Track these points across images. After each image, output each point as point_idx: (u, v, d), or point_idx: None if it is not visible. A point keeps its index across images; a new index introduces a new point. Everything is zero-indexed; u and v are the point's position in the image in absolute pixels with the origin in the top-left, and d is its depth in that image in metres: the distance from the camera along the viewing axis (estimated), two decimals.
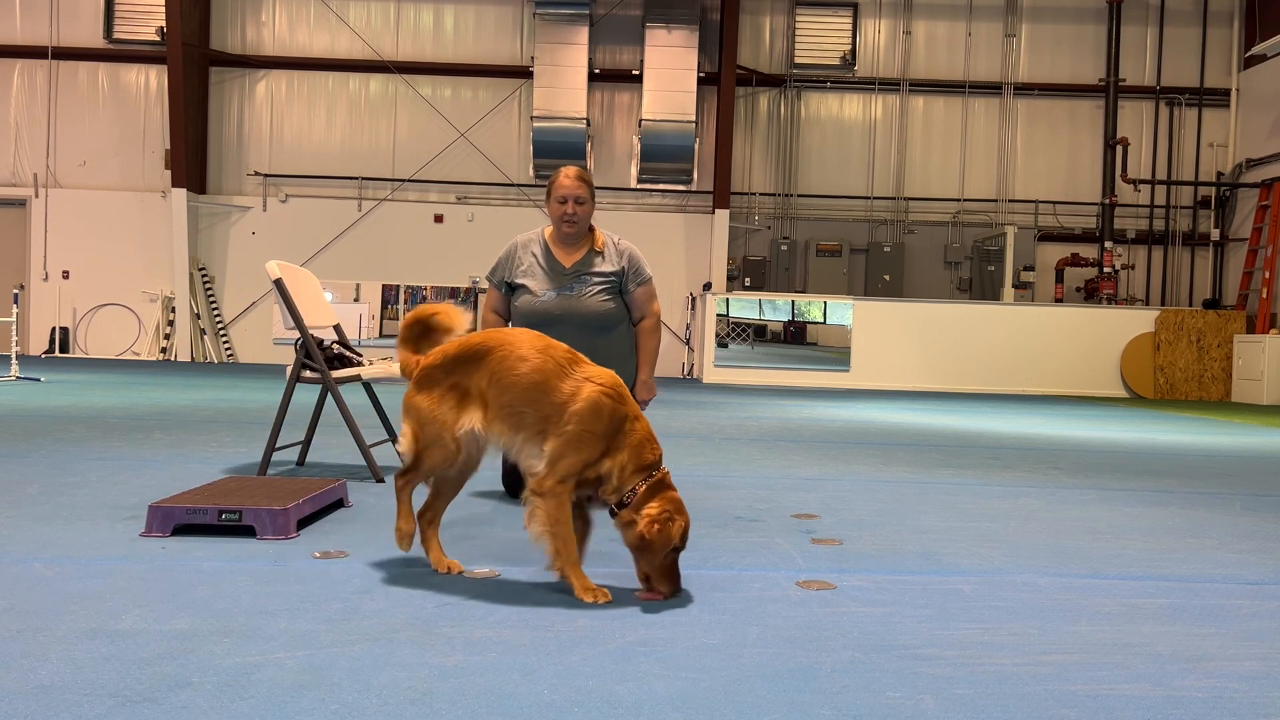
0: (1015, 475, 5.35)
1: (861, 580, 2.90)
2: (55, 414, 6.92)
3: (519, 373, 2.66)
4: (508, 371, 2.67)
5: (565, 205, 4.12)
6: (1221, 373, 14.29)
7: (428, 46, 16.21)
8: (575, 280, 4.17)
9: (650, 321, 4.35)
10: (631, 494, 2.58)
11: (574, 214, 4.12)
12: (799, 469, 5.33)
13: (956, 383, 14.23)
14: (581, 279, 4.17)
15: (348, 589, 2.63)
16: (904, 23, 16.23)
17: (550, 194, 4.17)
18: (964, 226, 16.21)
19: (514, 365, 2.67)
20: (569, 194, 4.12)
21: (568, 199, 4.12)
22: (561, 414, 2.61)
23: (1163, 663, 2.23)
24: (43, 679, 1.91)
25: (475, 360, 2.72)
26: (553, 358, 2.68)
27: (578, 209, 4.13)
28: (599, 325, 4.17)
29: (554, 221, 4.19)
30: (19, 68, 16.04)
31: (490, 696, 1.89)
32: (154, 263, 15.93)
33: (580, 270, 4.19)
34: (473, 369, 2.72)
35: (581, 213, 4.14)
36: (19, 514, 3.47)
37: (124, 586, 2.58)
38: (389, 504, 3.91)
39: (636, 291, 4.26)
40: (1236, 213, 15.99)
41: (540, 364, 2.66)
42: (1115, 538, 3.67)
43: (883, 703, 1.92)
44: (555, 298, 4.15)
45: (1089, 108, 16.21)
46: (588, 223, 4.21)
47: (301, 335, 4.50)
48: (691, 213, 16.12)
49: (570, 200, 4.12)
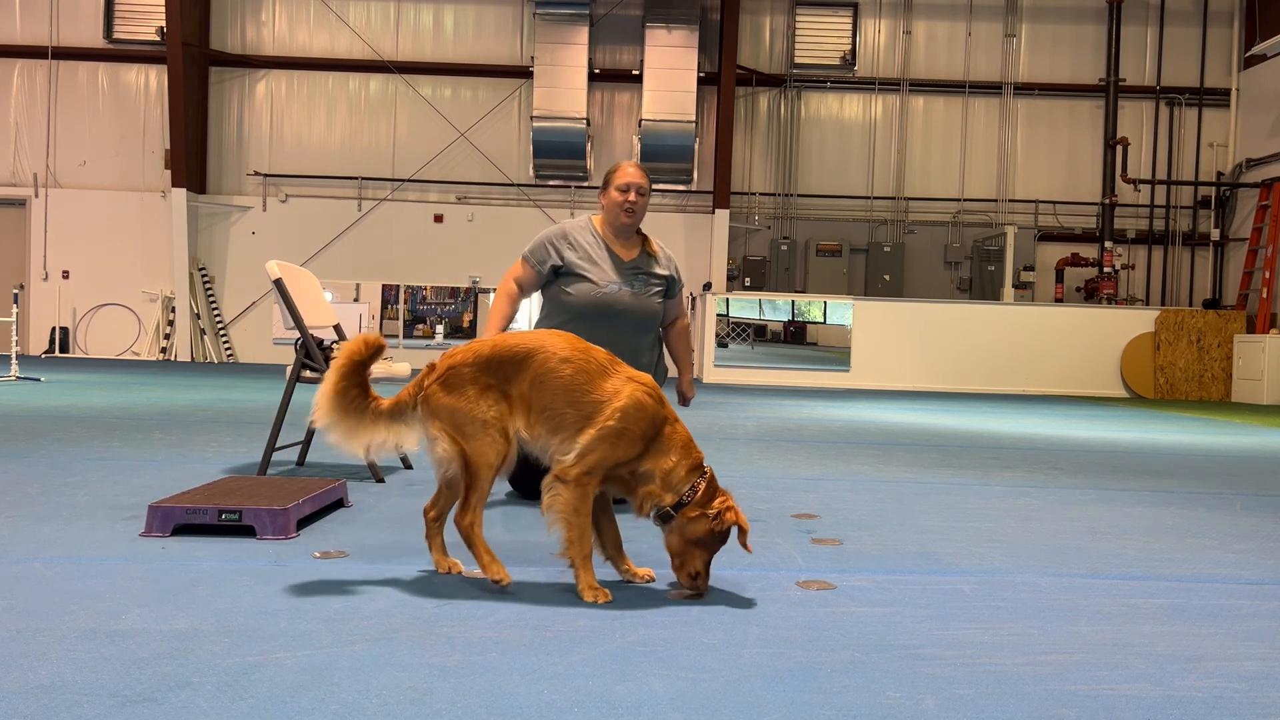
0: (1015, 475, 5.34)
1: (861, 580, 2.90)
2: (55, 414, 6.92)
3: (563, 375, 2.63)
4: (550, 374, 2.63)
5: (628, 194, 4.02)
6: (1221, 373, 14.29)
7: (428, 46, 16.21)
8: (636, 277, 4.10)
9: (685, 322, 4.40)
10: (691, 492, 2.60)
11: (635, 204, 4.02)
12: (799, 469, 5.33)
13: (956, 383, 14.23)
14: (642, 277, 4.11)
15: (348, 589, 2.63)
16: (904, 23, 16.23)
17: (610, 182, 4.06)
18: (964, 226, 16.21)
19: (557, 368, 2.63)
20: (632, 183, 4.02)
21: (630, 187, 4.02)
22: (602, 410, 2.60)
23: (1163, 663, 2.23)
24: (43, 679, 1.91)
25: (515, 363, 2.65)
26: (594, 359, 2.67)
27: (639, 200, 4.03)
28: (647, 326, 4.15)
29: (610, 210, 4.07)
30: (19, 68, 16.04)
31: (490, 696, 1.89)
32: (154, 263, 15.93)
33: (640, 268, 4.13)
34: (512, 372, 2.65)
35: (642, 204, 4.05)
36: (19, 514, 3.47)
37: (124, 586, 2.58)
38: (389, 504, 3.91)
39: (678, 298, 4.30)
40: (1236, 213, 15.99)
41: (583, 365, 2.64)
42: (1115, 538, 3.67)
43: (883, 703, 1.92)
44: (623, 291, 4.06)
45: (1089, 108, 16.21)
46: (643, 215, 4.12)
47: (301, 335, 4.50)
48: (691, 213, 16.12)
49: (633, 189, 4.02)
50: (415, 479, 4.56)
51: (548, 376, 2.63)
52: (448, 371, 2.66)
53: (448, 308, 18.91)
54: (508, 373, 2.65)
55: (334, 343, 4.85)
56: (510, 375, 2.65)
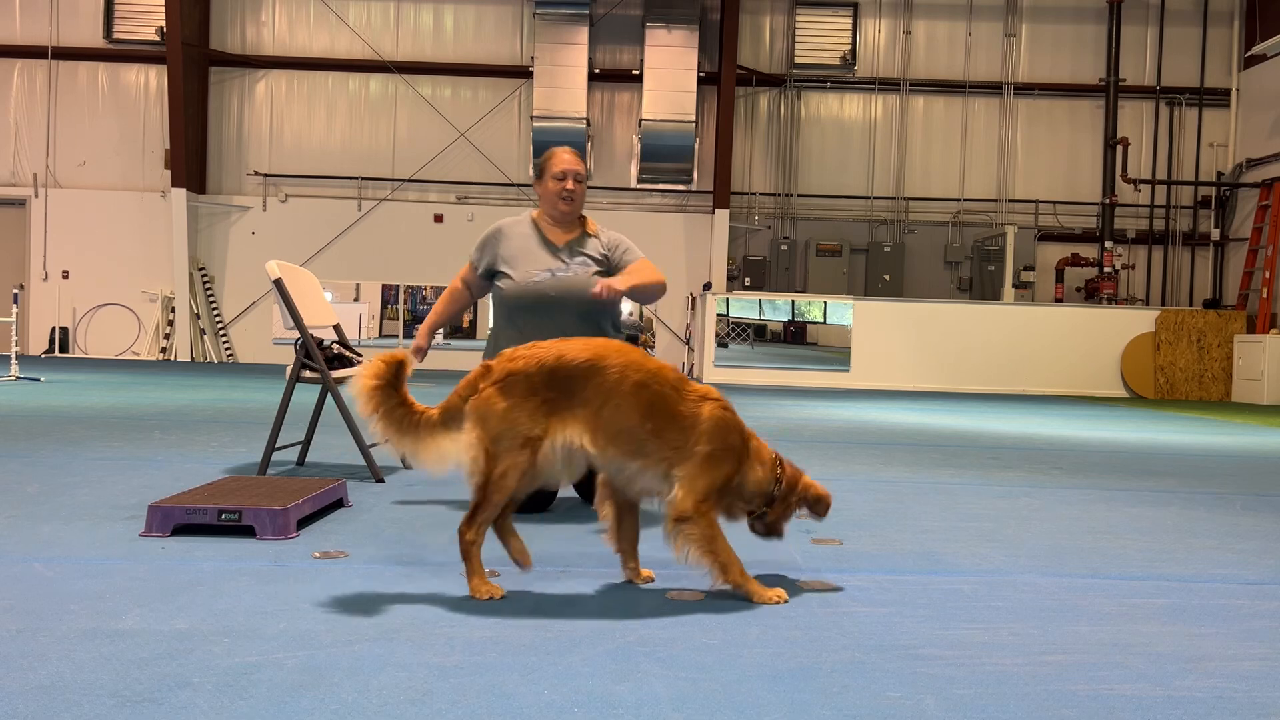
0: (1015, 475, 5.34)
1: (861, 580, 2.90)
2: (55, 414, 6.92)
3: (640, 399, 2.54)
4: (626, 396, 2.54)
5: (564, 181, 3.90)
6: (1222, 373, 14.29)
7: (428, 46, 16.21)
8: (570, 257, 3.94)
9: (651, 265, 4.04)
10: (778, 483, 2.70)
11: (572, 191, 3.91)
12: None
13: (956, 383, 14.23)
14: (576, 257, 3.94)
15: (348, 589, 2.63)
16: (904, 23, 16.23)
17: (545, 171, 3.94)
18: (964, 226, 16.21)
19: (632, 391, 2.54)
20: (568, 169, 3.90)
21: (567, 174, 3.90)
22: (687, 439, 2.56)
23: (1163, 663, 2.23)
24: (43, 679, 1.91)
25: (580, 377, 2.54)
26: (665, 379, 2.60)
27: (576, 187, 3.92)
28: (591, 312, 3.90)
29: (547, 200, 3.96)
30: (19, 68, 16.04)
31: (490, 696, 1.89)
32: (154, 263, 15.93)
33: (574, 248, 3.97)
34: (576, 387, 2.54)
35: (579, 191, 3.93)
36: (19, 514, 3.47)
37: (124, 586, 2.58)
38: (389, 504, 3.91)
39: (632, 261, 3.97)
40: (1236, 212, 15.99)
41: (658, 390, 2.57)
42: (1115, 538, 3.67)
43: (883, 703, 1.92)
44: (549, 278, 3.90)
45: (1089, 108, 16.21)
46: (582, 203, 4.01)
47: (301, 335, 4.50)
48: (691, 213, 16.12)
49: (570, 176, 3.90)
50: (415, 479, 4.56)
51: (623, 399, 2.54)
52: (507, 377, 2.52)
53: None
54: (571, 387, 2.54)
55: (334, 343, 4.85)
56: (573, 390, 2.54)
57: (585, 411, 2.53)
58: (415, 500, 4.02)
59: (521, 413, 2.49)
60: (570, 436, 2.52)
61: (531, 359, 2.54)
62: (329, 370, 4.55)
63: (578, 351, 2.56)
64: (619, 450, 2.55)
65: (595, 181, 16.09)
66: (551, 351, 2.55)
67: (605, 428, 2.53)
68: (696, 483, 2.55)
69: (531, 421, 2.49)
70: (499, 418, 2.49)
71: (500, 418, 2.49)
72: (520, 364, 2.53)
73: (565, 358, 2.54)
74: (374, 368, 2.52)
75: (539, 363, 2.53)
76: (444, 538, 3.31)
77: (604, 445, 2.54)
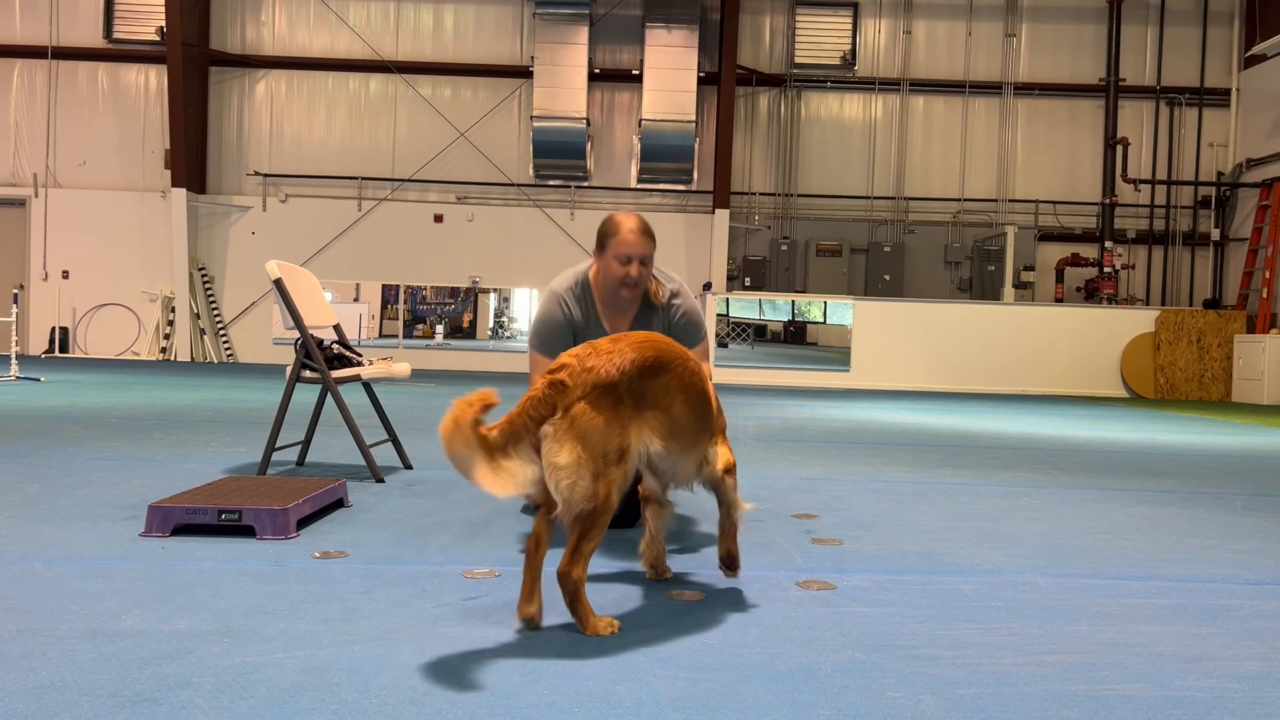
0: (1015, 475, 5.34)
1: (861, 580, 2.90)
2: (55, 414, 6.92)
3: (692, 392, 2.52)
4: (685, 391, 2.49)
5: (629, 266, 3.31)
6: (1222, 373, 14.29)
7: (428, 46, 16.21)
8: None
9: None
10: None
11: (638, 278, 3.33)
12: (799, 469, 5.33)
13: (956, 383, 14.23)
14: None
15: (348, 589, 2.63)
16: (904, 22, 16.23)
17: (606, 246, 3.32)
18: (964, 226, 16.21)
19: (688, 385, 2.50)
20: (634, 253, 3.29)
21: (632, 259, 3.30)
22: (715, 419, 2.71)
23: (1163, 663, 2.23)
24: (43, 679, 1.91)
25: (660, 372, 2.42)
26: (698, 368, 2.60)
27: (642, 272, 3.33)
28: None
29: (608, 280, 3.37)
30: (19, 68, 16.04)
31: (490, 696, 1.89)
32: (154, 263, 15.93)
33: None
34: (649, 387, 2.40)
35: (645, 275, 3.35)
36: (19, 514, 3.47)
37: (124, 586, 2.58)
38: (389, 504, 3.91)
39: (687, 338, 3.48)
40: (1236, 212, 15.99)
41: (700, 379, 2.59)
42: (1115, 538, 3.67)
43: (883, 703, 1.92)
44: None
45: (1089, 108, 16.21)
46: (646, 284, 3.42)
47: (301, 335, 4.50)
48: (691, 213, 16.12)
49: (635, 261, 3.30)
50: (415, 479, 4.56)
51: (684, 395, 2.49)
52: (593, 389, 2.29)
53: (448, 308, 18.90)
54: (644, 389, 2.39)
55: (334, 343, 4.85)
56: (645, 392, 2.39)
57: (655, 412, 2.41)
58: (415, 500, 4.02)
59: (615, 425, 2.30)
60: (645, 439, 2.39)
61: (610, 366, 2.33)
62: (329, 370, 4.55)
63: (644, 350, 2.41)
64: (679, 445, 2.49)
65: (595, 181, 16.09)
66: (625, 356, 2.36)
67: (672, 427, 2.45)
68: (725, 442, 2.75)
69: (624, 432, 2.32)
70: (600, 434, 2.27)
71: (602, 434, 2.27)
72: (601, 373, 2.31)
73: (639, 361, 2.38)
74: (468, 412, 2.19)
75: (619, 369, 2.33)
76: (444, 538, 3.32)
77: (669, 442, 2.45)
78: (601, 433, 2.27)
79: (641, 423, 2.38)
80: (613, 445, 2.29)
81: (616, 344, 2.40)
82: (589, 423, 2.26)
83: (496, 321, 21.35)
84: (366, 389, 5.08)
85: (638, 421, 2.37)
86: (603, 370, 2.31)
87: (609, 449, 2.28)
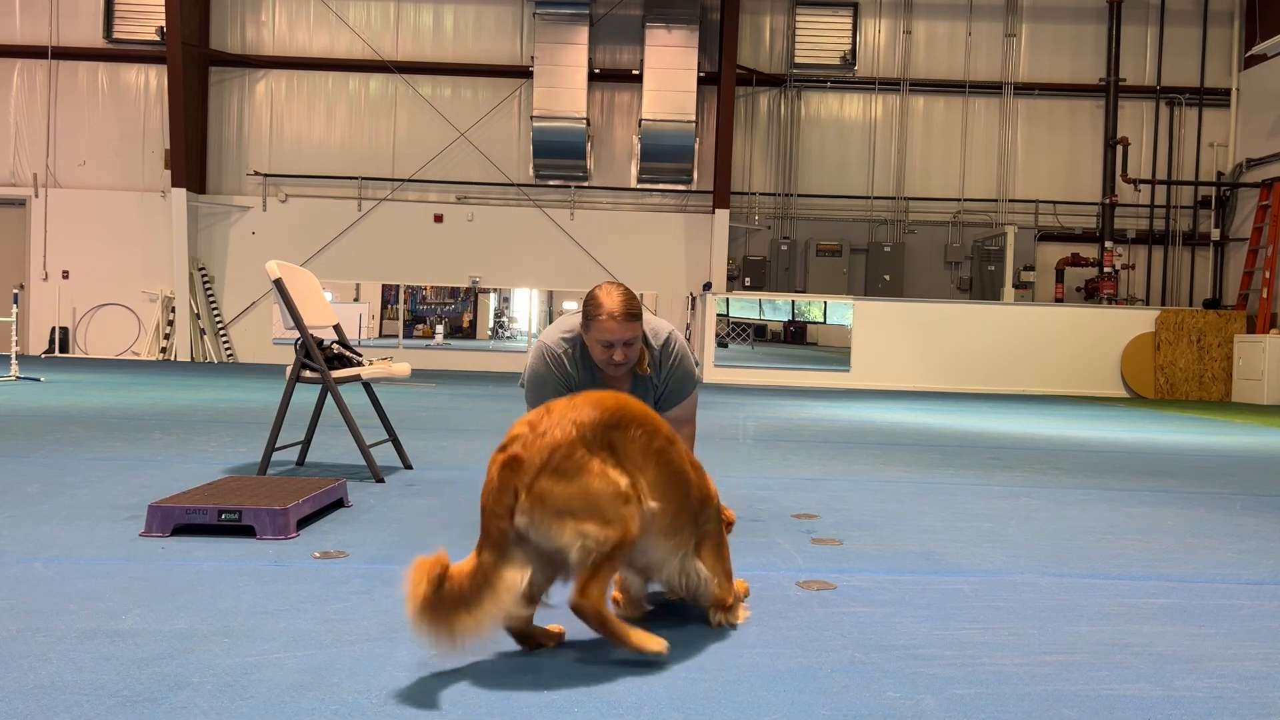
0: (1015, 475, 5.34)
1: (861, 580, 2.90)
2: (55, 414, 6.92)
3: (679, 468, 2.25)
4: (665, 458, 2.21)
5: (612, 351, 3.16)
6: (1222, 373, 14.29)
7: (428, 46, 16.21)
8: None
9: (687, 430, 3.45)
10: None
11: (621, 361, 3.20)
12: (799, 469, 5.33)
13: (956, 383, 14.23)
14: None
15: (348, 589, 2.63)
16: (904, 22, 16.23)
17: (589, 327, 3.16)
18: (964, 226, 16.21)
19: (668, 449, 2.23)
20: (615, 339, 3.14)
21: (615, 344, 3.15)
22: (702, 511, 2.33)
23: (1163, 663, 2.23)
24: (43, 679, 1.91)
25: (626, 426, 2.17)
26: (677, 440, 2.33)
27: (626, 353, 3.19)
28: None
29: (593, 357, 3.25)
30: (19, 68, 16.04)
31: (490, 696, 1.89)
32: (154, 263, 15.93)
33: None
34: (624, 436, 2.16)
35: (630, 355, 3.21)
36: (19, 514, 3.47)
37: (124, 586, 2.58)
38: (389, 504, 3.91)
39: (670, 415, 3.36)
40: (1236, 212, 15.99)
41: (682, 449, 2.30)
42: (1115, 538, 3.67)
43: (883, 703, 1.92)
44: None
45: (1089, 108, 16.21)
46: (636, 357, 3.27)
47: (301, 335, 4.50)
48: (691, 213, 16.12)
49: (619, 345, 3.15)
50: (415, 479, 4.56)
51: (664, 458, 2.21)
52: (555, 453, 2.03)
53: (448, 308, 18.90)
54: (622, 444, 2.15)
55: (334, 343, 4.85)
56: (625, 447, 2.15)
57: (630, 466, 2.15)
58: (415, 500, 4.02)
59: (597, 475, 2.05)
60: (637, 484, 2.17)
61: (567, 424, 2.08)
62: (329, 370, 4.55)
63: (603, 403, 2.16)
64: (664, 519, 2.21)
65: (595, 181, 16.09)
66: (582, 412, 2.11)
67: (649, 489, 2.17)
68: (724, 572, 2.38)
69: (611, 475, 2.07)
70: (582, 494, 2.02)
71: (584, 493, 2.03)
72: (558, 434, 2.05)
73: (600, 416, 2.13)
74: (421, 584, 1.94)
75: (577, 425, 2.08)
76: (444, 538, 3.31)
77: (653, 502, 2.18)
78: (584, 492, 2.02)
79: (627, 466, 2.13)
80: (606, 492, 2.04)
81: (573, 400, 2.16)
82: (564, 491, 2.01)
83: (496, 322, 21.36)
84: (366, 389, 5.08)
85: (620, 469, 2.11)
86: (558, 432, 2.05)
87: (602, 499, 2.03)
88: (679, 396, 3.39)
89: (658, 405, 3.39)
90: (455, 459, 5.27)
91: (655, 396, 3.39)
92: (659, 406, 3.38)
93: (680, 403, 3.39)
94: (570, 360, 3.32)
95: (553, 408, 2.13)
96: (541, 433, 2.05)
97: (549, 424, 2.07)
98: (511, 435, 2.09)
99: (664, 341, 3.38)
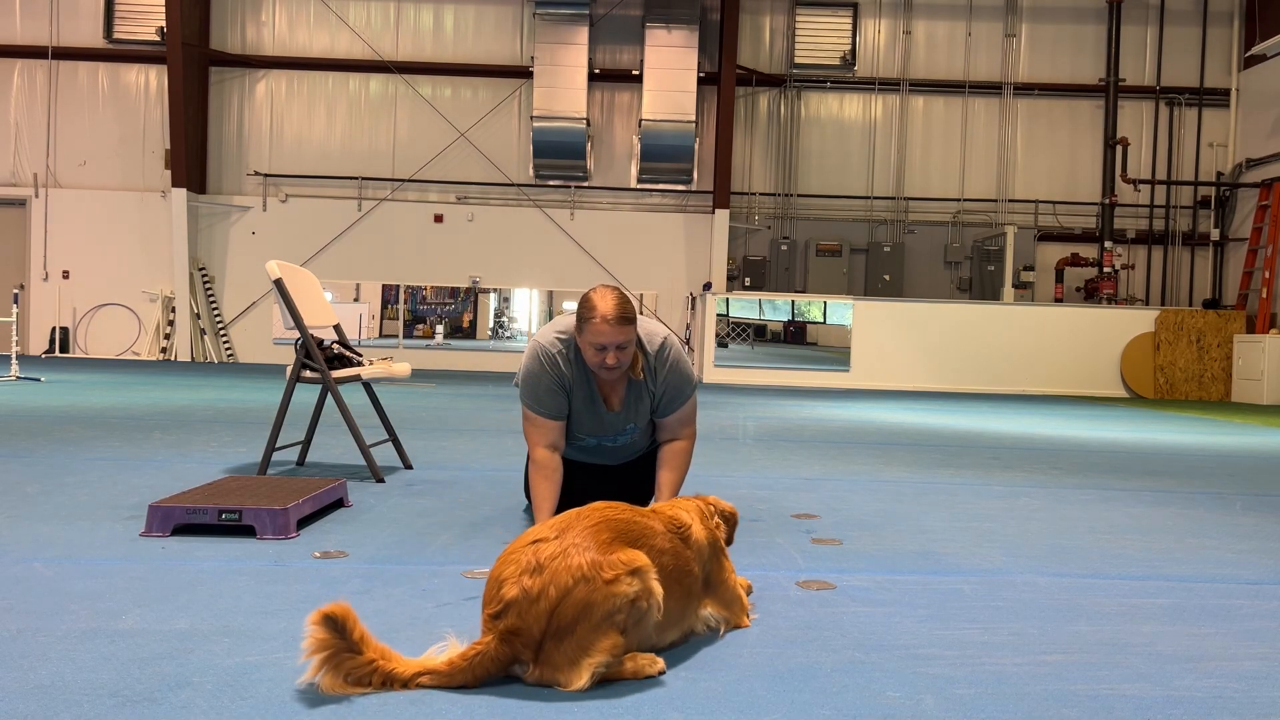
0: (1015, 475, 5.34)
1: (861, 580, 2.90)
2: (55, 414, 6.92)
3: (685, 565, 2.26)
4: (657, 561, 2.15)
5: (604, 354, 3.15)
6: (1221, 373, 14.29)
7: (428, 46, 16.21)
8: (620, 432, 3.44)
9: (682, 444, 3.41)
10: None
11: (614, 365, 3.18)
12: (799, 469, 5.33)
13: (956, 383, 14.23)
14: (628, 429, 3.44)
15: (348, 589, 2.63)
16: (904, 23, 16.23)
17: (583, 330, 3.15)
18: (964, 226, 16.21)
19: (659, 556, 2.17)
20: (608, 343, 3.12)
21: (606, 348, 3.14)
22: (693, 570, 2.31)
23: (1163, 663, 2.23)
24: (43, 679, 1.91)
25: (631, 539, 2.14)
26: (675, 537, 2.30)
27: (619, 356, 3.17)
28: (624, 460, 3.61)
29: (586, 359, 3.23)
30: (19, 68, 16.04)
31: (491, 696, 1.89)
32: (154, 263, 15.93)
33: (626, 420, 3.40)
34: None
35: (623, 359, 3.19)
36: (19, 514, 3.47)
37: (124, 586, 2.58)
38: (389, 504, 3.91)
39: (669, 419, 3.40)
40: (1236, 213, 15.99)
41: (679, 548, 2.26)
42: (1115, 538, 3.67)
43: (883, 703, 1.92)
44: (594, 445, 3.49)
45: (1089, 108, 16.21)
46: (630, 360, 3.25)
47: (301, 335, 4.50)
48: (691, 213, 16.12)
49: (611, 348, 3.14)
50: (415, 479, 4.57)
51: (658, 563, 2.15)
52: (553, 623, 1.94)
53: (448, 308, 18.89)
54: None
55: (334, 343, 4.85)
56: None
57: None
58: (415, 500, 4.02)
59: (599, 610, 1.95)
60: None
61: (564, 575, 1.97)
62: (329, 370, 4.55)
63: (598, 535, 2.07)
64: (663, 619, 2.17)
65: (595, 181, 16.09)
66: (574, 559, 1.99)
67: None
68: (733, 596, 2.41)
69: (617, 589, 1.98)
70: (591, 635, 1.95)
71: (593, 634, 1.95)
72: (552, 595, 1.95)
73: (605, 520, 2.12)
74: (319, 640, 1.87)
75: (572, 576, 1.97)
76: (444, 538, 3.32)
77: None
78: (592, 628, 1.94)
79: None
80: (616, 605, 1.96)
81: (564, 536, 2.03)
82: (573, 644, 1.93)
83: (497, 321, 21.36)
84: (366, 389, 5.08)
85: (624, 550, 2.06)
86: (551, 591, 1.93)
87: (616, 617, 1.96)
88: (677, 402, 3.39)
89: (655, 410, 3.40)
90: (455, 459, 5.27)
91: (653, 402, 3.39)
92: (657, 412, 3.40)
93: (679, 408, 3.40)
94: (565, 360, 3.30)
95: (541, 551, 1.99)
96: (535, 598, 1.93)
97: (543, 583, 1.94)
98: (501, 601, 1.96)
99: (659, 346, 3.37)
